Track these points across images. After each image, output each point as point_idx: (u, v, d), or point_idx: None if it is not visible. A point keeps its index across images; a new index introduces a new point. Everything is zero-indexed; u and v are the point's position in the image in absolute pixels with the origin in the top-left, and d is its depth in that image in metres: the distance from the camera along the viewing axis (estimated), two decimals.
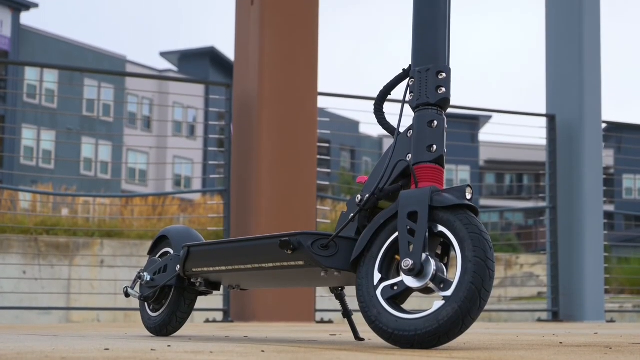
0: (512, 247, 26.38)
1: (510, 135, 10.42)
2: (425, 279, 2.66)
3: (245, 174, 7.90)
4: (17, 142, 39.99)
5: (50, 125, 43.61)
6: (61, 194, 9.47)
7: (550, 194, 9.62)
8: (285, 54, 7.81)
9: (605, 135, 10.12)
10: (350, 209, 2.98)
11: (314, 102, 7.96)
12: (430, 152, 2.83)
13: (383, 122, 3.09)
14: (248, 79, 7.90)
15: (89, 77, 43.58)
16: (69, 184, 40.32)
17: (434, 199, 2.70)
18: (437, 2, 2.95)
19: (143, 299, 3.87)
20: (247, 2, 7.95)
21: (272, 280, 3.47)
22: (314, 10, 7.94)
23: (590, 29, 9.48)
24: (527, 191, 57.39)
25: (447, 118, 2.92)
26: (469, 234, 2.61)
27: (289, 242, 2.92)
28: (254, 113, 7.77)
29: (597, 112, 9.54)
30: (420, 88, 2.89)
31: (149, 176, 46.56)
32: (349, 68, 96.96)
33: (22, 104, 42.64)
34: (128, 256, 14.65)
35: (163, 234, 3.94)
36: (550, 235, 9.62)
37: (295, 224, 7.60)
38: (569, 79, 9.54)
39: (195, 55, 54.98)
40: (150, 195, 19.70)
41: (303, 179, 7.85)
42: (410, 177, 2.86)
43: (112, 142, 45.55)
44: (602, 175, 9.53)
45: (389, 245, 2.80)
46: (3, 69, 43.66)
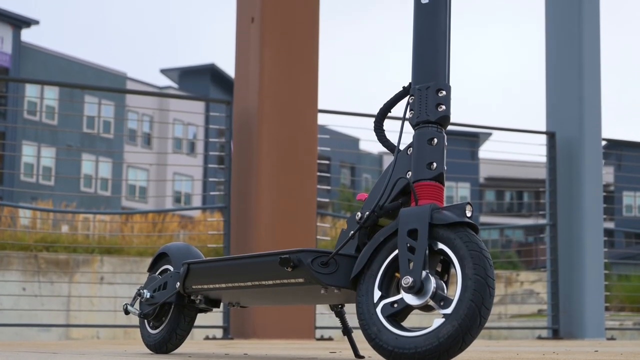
0: (512, 264, 26.37)
1: (510, 153, 10.43)
2: (426, 296, 2.66)
3: (245, 190, 7.90)
4: (17, 158, 40.00)
5: (51, 142, 43.63)
6: (61, 210, 9.47)
7: (550, 211, 9.61)
8: (285, 71, 7.82)
9: (605, 152, 10.12)
10: (350, 227, 2.98)
11: (314, 119, 7.96)
12: (430, 169, 2.84)
13: (383, 139, 3.09)
14: (248, 96, 7.91)
15: (89, 94, 43.63)
16: (69, 200, 40.28)
17: (434, 217, 2.71)
18: (437, 19, 2.96)
19: (143, 316, 3.86)
20: (247, 20, 7.97)
21: (272, 298, 3.46)
22: (315, 28, 7.95)
23: (590, 46, 9.50)
24: (527, 208, 57.36)
25: (447, 135, 2.93)
26: (469, 251, 2.61)
27: (289, 259, 2.92)
28: (254, 130, 7.77)
29: (597, 130, 9.54)
30: (420, 106, 2.90)
31: (149, 193, 46.56)
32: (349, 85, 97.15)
33: (22, 120, 42.68)
34: (128, 273, 14.63)
35: (163, 251, 3.93)
36: (550, 252, 9.61)
37: (295, 241, 7.60)
38: (569, 96, 9.55)
39: (195, 72, 55.05)
40: (150, 212, 19.70)
41: (303, 196, 7.85)
42: (411, 194, 2.86)
43: (112, 158, 45.57)
44: (602, 193, 9.53)
45: (389, 263, 2.80)
46: (3, 85, 43.70)
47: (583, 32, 9.48)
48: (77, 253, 15.51)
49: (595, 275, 9.39)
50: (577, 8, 9.52)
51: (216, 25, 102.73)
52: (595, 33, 9.56)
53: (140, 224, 18.26)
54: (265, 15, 7.78)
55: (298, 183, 7.83)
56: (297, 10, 7.94)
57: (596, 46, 9.55)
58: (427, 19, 2.97)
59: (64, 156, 40.57)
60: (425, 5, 2.99)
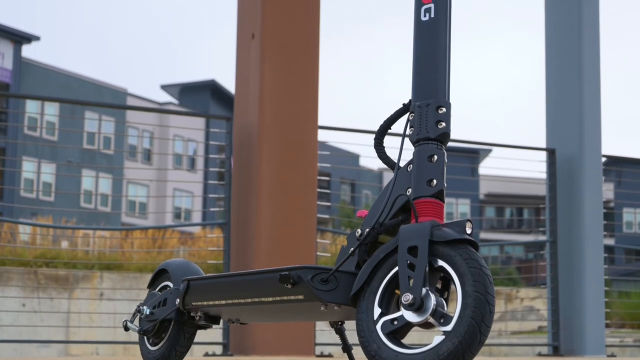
0: (512, 280, 26.35)
1: (510, 169, 10.43)
2: (426, 313, 2.65)
3: (245, 207, 7.90)
4: (18, 174, 40.01)
5: (51, 158, 43.66)
6: (61, 226, 9.47)
7: (551, 228, 9.61)
8: (285, 88, 7.83)
9: (605, 169, 10.12)
10: (350, 243, 2.98)
11: (314, 135, 7.97)
12: (431, 186, 2.84)
13: (383, 156, 3.10)
14: (248, 112, 7.92)
15: (89, 109, 43.69)
16: (69, 216, 40.30)
17: (434, 234, 2.71)
18: (437, 36, 2.97)
19: (142, 332, 3.86)
20: (247, 36, 7.98)
21: (272, 314, 3.46)
22: (315, 44, 7.97)
23: (590, 63, 9.51)
24: (527, 225, 57.37)
25: (447, 151, 2.93)
26: (469, 268, 2.61)
27: (289, 276, 2.92)
28: (255, 146, 7.78)
29: (597, 146, 9.55)
30: (420, 123, 2.91)
31: (149, 209, 46.55)
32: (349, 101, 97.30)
33: (22, 136, 42.71)
34: (127, 289, 14.62)
35: (163, 268, 3.93)
36: (550, 269, 9.60)
37: (295, 257, 7.59)
38: (569, 113, 9.56)
39: (196, 88, 55.13)
40: (150, 228, 19.69)
41: (303, 212, 7.84)
42: (411, 211, 2.87)
43: (112, 174, 45.58)
44: (602, 209, 9.52)
45: (389, 280, 2.80)
46: (4, 101, 43.76)
47: (583, 49, 9.49)
48: (77, 269, 15.50)
49: (596, 291, 9.38)
50: (577, 26, 9.54)
51: (216, 41, 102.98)
52: (595, 50, 9.58)
53: (140, 240, 18.26)
54: (265, 32, 7.80)
55: (298, 199, 7.83)
56: (297, 26, 7.96)
57: (596, 63, 9.57)
58: (427, 36, 2.98)
59: (64, 172, 40.60)
60: (425, 22, 3.00)
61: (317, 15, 8.04)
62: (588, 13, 9.57)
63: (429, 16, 2.99)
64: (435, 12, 2.98)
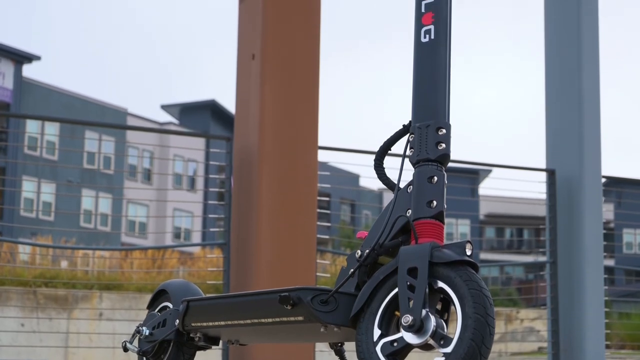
0: (512, 301, 26.29)
1: (510, 190, 10.43)
2: (425, 335, 2.65)
3: (245, 227, 7.89)
4: (17, 194, 40.02)
5: (51, 178, 43.66)
6: (60, 246, 9.47)
7: (551, 249, 9.60)
8: (286, 108, 7.84)
9: (605, 189, 10.13)
10: (350, 264, 2.98)
11: (315, 156, 7.97)
12: (430, 207, 2.84)
13: (383, 177, 3.11)
14: (248, 133, 7.92)
15: (89, 129, 43.74)
16: (68, 236, 40.26)
17: (434, 255, 2.71)
18: (437, 58, 2.98)
19: (142, 353, 3.85)
20: (248, 57, 8.00)
21: (271, 335, 3.46)
22: (315, 65, 7.98)
23: (590, 84, 9.53)
24: (528, 245, 57.33)
25: (447, 172, 2.94)
26: (469, 290, 2.61)
27: (289, 297, 2.92)
28: (255, 166, 7.78)
29: (597, 167, 9.55)
30: (420, 144, 2.91)
31: (148, 229, 46.52)
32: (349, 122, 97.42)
33: (22, 156, 42.73)
34: (127, 309, 14.59)
35: (162, 288, 3.93)
36: (550, 289, 9.59)
37: (295, 277, 7.58)
38: (569, 133, 9.56)
39: (196, 108, 55.19)
40: (150, 249, 19.67)
41: (303, 232, 7.83)
42: (410, 232, 2.87)
43: (112, 194, 45.58)
44: (602, 230, 9.52)
45: (389, 301, 2.79)
46: (4, 121, 43.82)
47: (583, 70, 9.51)
48: (76, 289, 15.47)
49: (596, 312, 9.36)
50: (577, 47, 9.56)
51: (216, 61, 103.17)
52: (595, 71, 9.59)
53: (140, 260, 18.24)
54: (265, 53, 7.81)
55: (298, 220, 7.82)
56: (298, 47, 7.98)
57: (596, 84, 9.58)
58: (427, 57, 2.99)
59: (64, 192, 40.61)
60: (425, 43, 3.00)
61: (317, 36, 8.06)
62: (588, 35, 9.59)
63: (429, 38, 3.00)
64: (435, 34, 2.99)
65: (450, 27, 3.02)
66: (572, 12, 9.62)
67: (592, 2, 9.66)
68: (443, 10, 3.01)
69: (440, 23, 3.00)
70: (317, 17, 7.91)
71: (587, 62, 9.52)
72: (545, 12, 9.89)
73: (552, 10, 9.82)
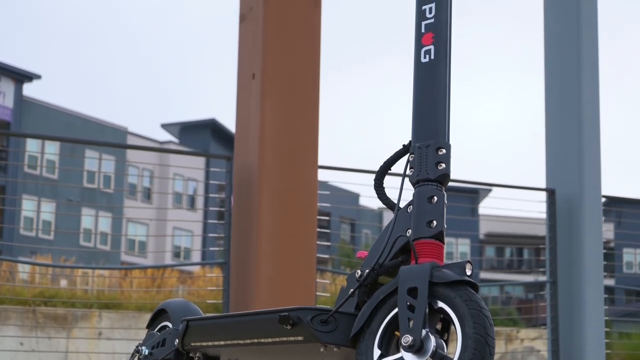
0: (512, 321, 26.24)
1: (510, 209, 10.43)
2: (425, 355, 2.65)
3: (245, 246, 7.89)
4: (17, 212, 40.01)
5: (51, 196, 43.67)
6: (60, 265, 9.47)
7: (551, 268, 9.59)
8: (286, 128, 7.85)
9: (605, 209, 10.13)
10: (350, 284, 2.98)
11: (315, 175, 7.97)
12: (430, 227, 2.84)
13: (383, 197, 3.11)
14: (248, 152, 7.93)
15: (90, 148, 43.77)
16: (68, 255, 40.23)
17: (434, 275, 2.71)
18: (437, 78, 2.99)
19: None
20: (248, 76, 8.01)
21: (271, 355, 3.45)
22: (315, 85, 7.99)
23: (590, 103, 9.54)
24: (528, 265, 57.29)
25: (447, 191, 2.94)
26: (469, 310, 2.61)
27: (289, 317, 2.91)
28: (255, 185, 7.78)
29: (597, 187, 9.55)
30: (420, 164, 2.92)
31: (148, 248, 46.49)
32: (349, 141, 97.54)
33: (22, 174, 42.75)
34: (126, 329, 14.57)
35: (162, 308, 3.92)
36: (550, 309, 9.57)
37: (295, 297, 7.57)
38: (569, 153, 9.57)
39: (196, 127, 55.24)
40: (149, 268, 19.67)
41: (303, 252, 7.83)
42: (410, 252, 2.87)
43: (112, 213, 45.56)
44: (603, 250, 9.51)
45: (388, 321, 2.79)
46: (4, 139, 43.85)
47: (583, 90, 9.52)
48: (76, 308, 15.45)
49: (596, 332, 9.35)
50: (576, 65, 9.58)
51: (217, 80, 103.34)
52: (595, 90, 9.61)
53: (139, 279, 18.23)
54: (266, 72, 7.83)
55: (298, 239, 7.82)
56: (298, 67, 7.99)
57: (595, 103, 9.60)
58: (427, 77, 3.00)
59: (64, 210, 40.61)
60: (425, 63, 3.01)
61: (317, 56, 8.08)
62: (587, 53, 9.61)
63: (429, 58, 3.01)
64: (435, 54, 3.00)
65: (450, 47, 3.03)
66: (571, 30, 9.64)
67: (592, 19, 9.69)
68: (443, 31, 3.02)
69: (440, 43, 3.01)
70: (317, 36, 7.91)
71: (587, 80, 9.53)
72: (544, 31, 9.92)
73: (552, 28, 9.85)
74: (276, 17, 7.73)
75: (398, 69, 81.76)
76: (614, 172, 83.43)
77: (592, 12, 9.70)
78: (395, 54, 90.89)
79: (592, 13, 9.70)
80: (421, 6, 3.07)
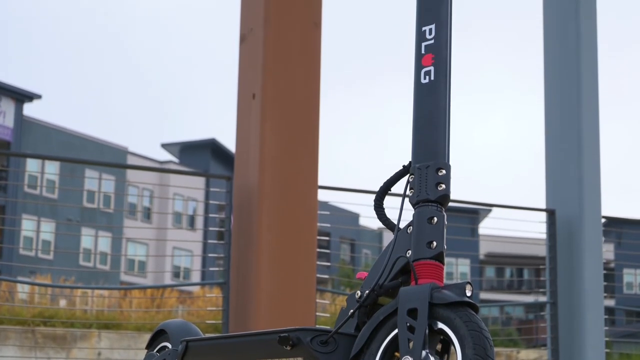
0: (512, 341, 26.21)
1: (510, 230, 10.43)
2: None
3: (244, 266, 7.88)
4: (17, 232, 39.98)
5: (51, 216, 43.65)
6: (59, 285, 9.45)
7: (551, 289, 9.58)
8: (286, 148, 7.85)
9: (605, 230, 10.12)
10: (350, 305, 2.97)
11: (315, 195, 7.97)
12: (430, 248, 2.84)
13: (383, 218, 3.11)
14: (248, 172, 7.93)
15: (90, 168, 43.78)
16: (67, 275, 40.19)
17: (434, 296, 2.70)
18: (437, 98, 2.99)
19: None
20: (248, 96, 8.02)
21: None
22: (315, 105, 8.00)
23: (590, 124, 9.55)
24: (528, 285, 57.20)
25: (447, 211, 2.94)
26: (469, 331, 2.61)
27: (288, 337, 2.91)
28: (254, 206, 7.78)
29: (597, 207, 9.55)
30: (420, 184, 2.92)
31: (148, 268, 46.44)
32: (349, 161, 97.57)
33: (22, 194, 42.75)
34: (125, 349, 14.54)
35: (161, 328, 3.91)
36: (550, 330, 9.56)
37: (295, 317, 7.56)
38: (569, 173, 9.58)
39: (196, 147, 55.29)
40: (149, 288, 19.63)
41: (303, 272, 7.82)
42: (410, 273, 2.86)
43: (111, 233, 45.53)
44: (603, 270, 9.50)
45: (388, 342, 2.79)
46: (5, 159, 43.87)
47: (582, 111, 9.54)
48: (75, 328, 15.43)
49: (596, 353, 9.33)
50: (576, 85, 9.60)
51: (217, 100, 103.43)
52: (595, 111, 9.62)
53: (139, 299, 18.20)
54: (266, 92, 7.84)
55: (298, 259, 7.81)
56: (298, 87, 8.00)
57: (595, 124, 9.60)
58: (427, 98, 3.00)
59: (64, 230, 40.58)
60: (425, 84, 3.02)
61: (318, 76, 8.09)
62: (587, 75, 9.63)
63: (428, 79, 3.02)
64: (435, 75, 3.01)
65: (450, 68, 3.04)
66: (571, 51, 9.67)
67: (592, 40, 9.71)
68: (443, 52, 3.02)
69: (440, 64, 3.01)
70: (317, 57, 7.93)
71: (586, 101, 9.55)
72: (544, 52, 9.94)
73: (552, 49, 9.87)
74: (276, 37, 7.75)
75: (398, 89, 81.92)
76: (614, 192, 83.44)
77: (591, 33, 9.72)
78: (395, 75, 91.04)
79: (591, 33, 9.72)
80: (421, 27, 3.08)
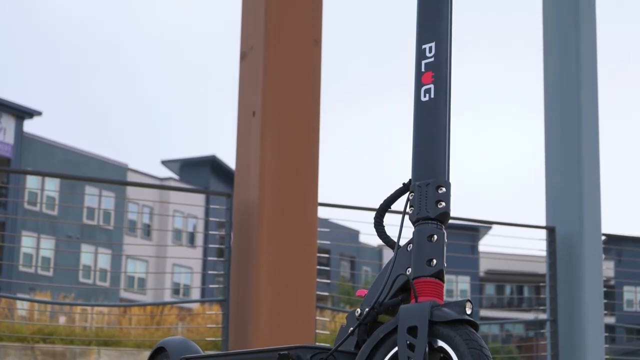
0: (512, 359, 26.12)
1: (510, 247, 10.42)
2: None
3: (244, 283, 7.87)
4: (17, 249, 39.95)
5: (51, 233, 43.62)
6: (59, 302, 9.43)
7: (551, 306, 9.57)
8: (286, 165, 7.85)
9: (605, 247, 10.12)
10: (350, 323, 2.97)
11: (315, 212, 7.96)
12: (430, 266, 2.84)
13: (383, 236, 3.11)
14: (248, 189, 7.93)
15: (90, 184, 43.78)
16: (67, 291, 40.13)
17: (434, 314, 2.70)
18: (437, 116, 2.99)
19: None
20: (248, 113, 8.03)
21: None
22: (315, 122, 8.00)
23: (590, 141, 9.56)
24: (528, 303, 57.12)
25: (447, 228, 2.94)
26: (469, 349, 2.60)
27: (288, 355, 2.91)
28: (254, 223, 7.77)
29: (597, 225, 9.55)
30: (420, 202, 2.91)
31: (148, 284, 46.38)
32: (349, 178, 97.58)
33: (22, 211, 42.73)
34: None
35: (161, 346, 3.91)
36: (551, 348, 9.54)
37: (295, 335, 7.54)
38: (569, 191, 9.58)
39: (196, 164, 55.31)
40: (149, 305, 19.60)
41: (302, 289, 7.81)
42: (410, 291, 2.86)
43: (111, 250, 45.49)
44: (603, 288, 9.49)
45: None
46: (5, 176, 43.87)
47: (582, 128, 9.54)
48: (74, 345, 15.39)
49: None
50: (576, 102, 9.61)
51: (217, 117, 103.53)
52: (595, 128, 9.63)
53: (139, 316, 18.17)
54: (266, 110, 7.85)
55: (298, 276, 7.80)
56: (298, 105, 8.01)
57: (595, 141, 9.61)
58: (427, 116, 3.01)
59: (64, 247, 40.56)
60: (425, 102, 3.02)
61: (318, 93, 8.10)
62: (587, 92, 9.64)
63: (429, 97, 3.02)
64: (435, 93, 3.01)
65: (450, 86, 3.04)
66: (571, 67, 9.68)
67: (591, 56, 9.73)
68: (443, 70, 3.03)
69: (440, 82, 3.01)
70: (317, 74, 7.94)
71: (586, 118, 9.56)
72: (544, 68, 9.96)
73: (552, 65, 9.89)
74: (277, 55, 7.76)
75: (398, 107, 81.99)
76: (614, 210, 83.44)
77: (591, 49, 9.74)
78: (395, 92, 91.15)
79: (591, 49, 9.74)
80: (421, 45, 3.08)
